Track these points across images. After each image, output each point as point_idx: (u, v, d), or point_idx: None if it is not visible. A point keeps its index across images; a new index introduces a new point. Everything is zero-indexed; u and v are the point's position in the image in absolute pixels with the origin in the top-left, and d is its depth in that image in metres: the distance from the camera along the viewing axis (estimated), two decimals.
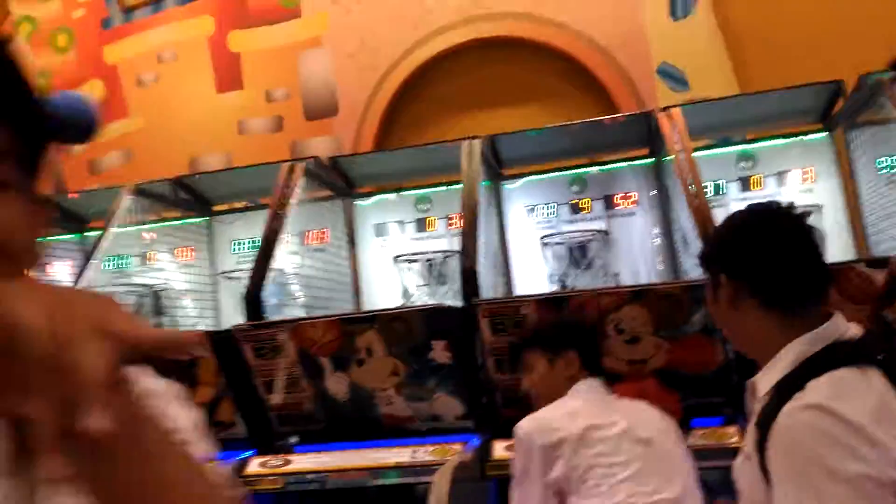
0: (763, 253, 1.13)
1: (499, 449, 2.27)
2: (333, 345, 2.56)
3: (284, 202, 3.06)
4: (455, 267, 3.12)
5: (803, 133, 3.25)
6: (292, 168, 3.18)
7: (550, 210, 3.37)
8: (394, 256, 3.28)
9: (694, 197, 2.67)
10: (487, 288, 2.78)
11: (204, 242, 3.67)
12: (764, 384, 1.10)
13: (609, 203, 3.34)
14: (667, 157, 3.08)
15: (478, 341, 2.49)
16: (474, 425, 2.49)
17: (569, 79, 4.79)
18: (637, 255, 3.24)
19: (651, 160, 3.38)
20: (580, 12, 4.67)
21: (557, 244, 3.12)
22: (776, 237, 1.14)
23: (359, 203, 3.58)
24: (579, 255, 3.06)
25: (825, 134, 3.23)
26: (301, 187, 3.14)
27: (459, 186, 3.11)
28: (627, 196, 3.33)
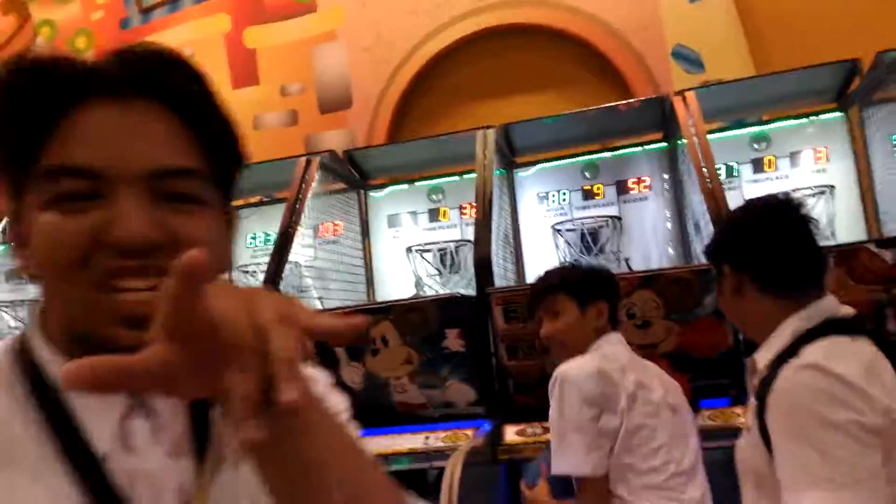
0: (760, 245, 1.23)
1: (510, 433, 2.30)
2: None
3: (301, 196, 3.10)
4: (467, 256, 3.14)
5: (817, 113, 3.21)
6: (308, 162, 3.22)
7: (563, 197, 3.38)
8: (407, 247, 3.31)
9: (707, 180, 2.65)
10: (499, 276, 2.80)
11: None
12: (763, 359, 1.19)
13: (622, 188, 3.33)
14: (680, 141, 3.06)
15: (490, 329, 2.52)
16: (486, 411, 2.51)
17: (584, 64, 4.77)
18: (649, 240, 3.23)
19: (664, 144, 3.36)
20: None
21: (569, 231, 3.12)
22: (772, 230, 1.24)
23: (372, 195, 3.62)
24: (591, 241, 3.06)
25: (840, 113, 3.19)
26: (317, 181, 3.18)
27: (472, 176, 3.12)
28: (640, 181, 3.32)
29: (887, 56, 2.88)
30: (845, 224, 2.94)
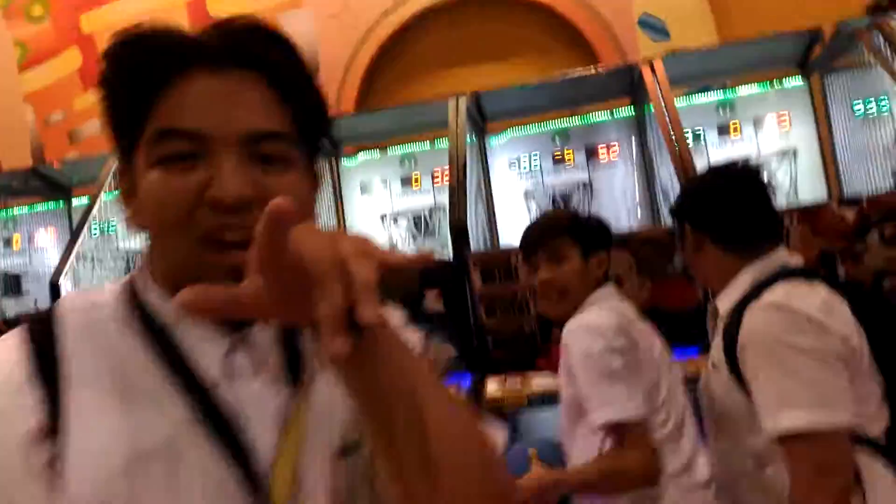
0: (718, 207, 1.34)
1: (490, 386, 2.38)
2: None
3: None
4: (441, 221, 3.17)
5: (780, 80, 3.31)
6: None
7: (534, 162, 3.43)
8: (381, 214, 3.33)
9: (675, 145, 2.73)
10: (474, 239, 2.85)
11: None
12: (724, 304, 1.29)
13: (591, 154, 3.39)
14: (648, 108, 3.13)
15: (468, 290, 2.58)
16: (466, 366, 2.59)
17: (551, 32, 4.80)
18: (619, 204, 3.31)
19: (633, 111, 3.43)
20: None
21: (540, 196, 3.17)
22: (729, 193, 1.34)
23: (344, 162, 3.62)
24: (563, 205, 3.12)
25: (802, 80, 3.29)
26: None
27: (444, 143, 3.15)
28: (609, 147, 3.39)
29: (848, 25, 2.98)
30: (808, 185, 3.05)
